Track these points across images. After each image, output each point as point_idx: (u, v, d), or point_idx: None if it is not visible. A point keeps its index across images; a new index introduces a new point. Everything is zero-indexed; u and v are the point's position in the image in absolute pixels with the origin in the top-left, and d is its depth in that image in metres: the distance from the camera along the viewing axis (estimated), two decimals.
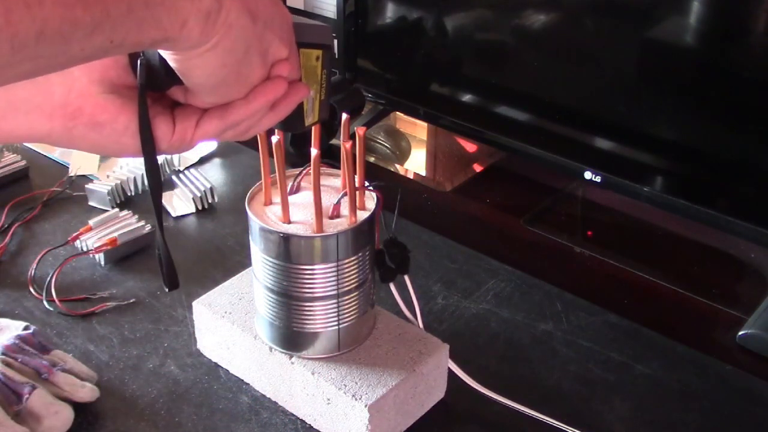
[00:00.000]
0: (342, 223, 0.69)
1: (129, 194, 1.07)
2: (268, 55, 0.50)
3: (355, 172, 0.68)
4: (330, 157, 0.80)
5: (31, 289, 0.89)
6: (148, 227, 0.97)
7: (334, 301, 0.70)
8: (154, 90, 0.51)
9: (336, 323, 0.71)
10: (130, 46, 0.42)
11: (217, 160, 1.17)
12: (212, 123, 0.52)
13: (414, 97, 1.11)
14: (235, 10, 0.45)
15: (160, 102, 0.52)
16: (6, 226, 1.00)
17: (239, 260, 0.93)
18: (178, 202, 1.05)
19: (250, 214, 0.69)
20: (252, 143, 1.15)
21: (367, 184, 0.71)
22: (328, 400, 0.70)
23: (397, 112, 1.23)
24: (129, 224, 0.97)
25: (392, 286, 0.77)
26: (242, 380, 0.78)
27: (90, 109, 0.49)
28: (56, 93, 0.49)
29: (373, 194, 0.72)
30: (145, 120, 0.50)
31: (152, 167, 0.52)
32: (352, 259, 0.69)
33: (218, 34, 0.45)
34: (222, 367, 0.80)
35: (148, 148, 0.51)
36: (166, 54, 0.47)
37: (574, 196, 1.11)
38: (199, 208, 1.04)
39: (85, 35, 0.39)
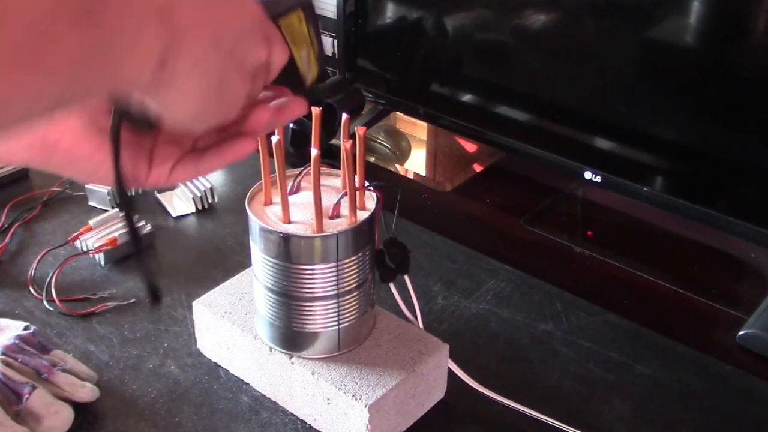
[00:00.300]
0: (342, 223, 0.69)
1: (129, 194, 1.06)
2: (246, 64, 0.47)
3: (355, 172, 0.68)
4: (330, 157, 0.80)
5: (31, 289, 0.89)
6: (148, 227, 0.97)
7: (334, 301, 0.70)
8: (134, 131, 0.49)
9: (336, 323, 0.71)
10: (84, 99, 0.40)
11: None
12: (186, 170, 0.52)
13: (414, 97, 1.11)
14: (195, 46, 0.42)
15: (137, 141, 0.50)
16: (6, 226, 1.00)
17: (239, 260, 0.93)
18: (178, 202, 1.05)
19: (250, 214, 0.69)
20: None
21: (367, 184, 0.71)
22: (328, 400, 0.70)
23: (397, 112, 1.23)
24: None
25: (392, 286, 0.77)
26: (242, 380, 0.78)
27: (67, 144, 0.48)
28: (36, 126, 0.46)
29: (373, 194, 0.71)
30: (119, 167, 0.49)
31: (125, 200, 0.52)
32: (352, 259, 0.69)
33: (180, 75, 0.42)
34: (222, 367, 0.80)
35: (122, 191, 0.50)
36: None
37: (574, 196, 1.11)
38: (199, 208, 1.04)
39: (30, 102, 0.35)
